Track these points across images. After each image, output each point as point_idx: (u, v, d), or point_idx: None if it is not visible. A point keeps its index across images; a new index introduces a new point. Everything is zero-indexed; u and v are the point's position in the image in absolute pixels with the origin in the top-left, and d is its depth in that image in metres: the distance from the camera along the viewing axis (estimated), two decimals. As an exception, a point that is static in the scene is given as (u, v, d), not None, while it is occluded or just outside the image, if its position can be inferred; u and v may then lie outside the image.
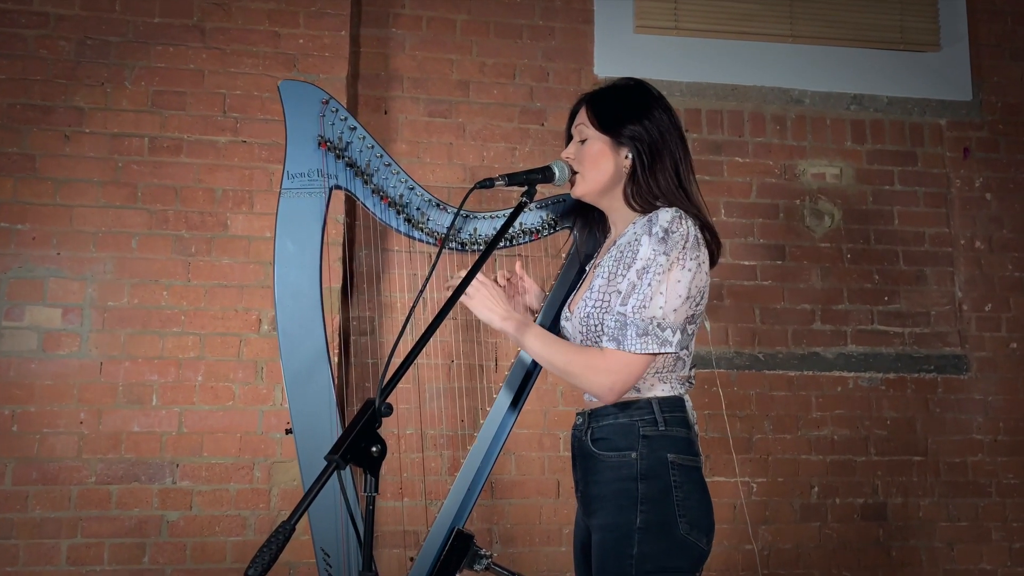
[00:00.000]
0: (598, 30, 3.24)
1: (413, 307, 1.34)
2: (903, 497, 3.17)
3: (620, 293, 1.50)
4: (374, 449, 1.23)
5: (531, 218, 1.80)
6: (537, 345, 1.55)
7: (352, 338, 2.92)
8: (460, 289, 1.47)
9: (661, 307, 1.46)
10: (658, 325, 1.45)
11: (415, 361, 1.38)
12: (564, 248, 1.87)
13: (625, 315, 1.47)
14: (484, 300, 1.58)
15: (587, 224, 1.79)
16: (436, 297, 2.81)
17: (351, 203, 2.88)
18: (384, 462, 1.26)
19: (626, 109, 1.62)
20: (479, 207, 2.83)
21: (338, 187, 1.72)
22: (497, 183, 1.59)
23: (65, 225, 2.74)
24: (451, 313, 2.96)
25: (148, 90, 2.84)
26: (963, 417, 3.25)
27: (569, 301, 1.70)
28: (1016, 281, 3.35)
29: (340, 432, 1.65)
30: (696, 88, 3.26)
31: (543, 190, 1.69)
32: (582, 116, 1.66)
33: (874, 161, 3.36)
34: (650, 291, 1.46)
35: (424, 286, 1.38)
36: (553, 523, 2.94)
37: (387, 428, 2.87)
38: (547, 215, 1.81)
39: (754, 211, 3.26)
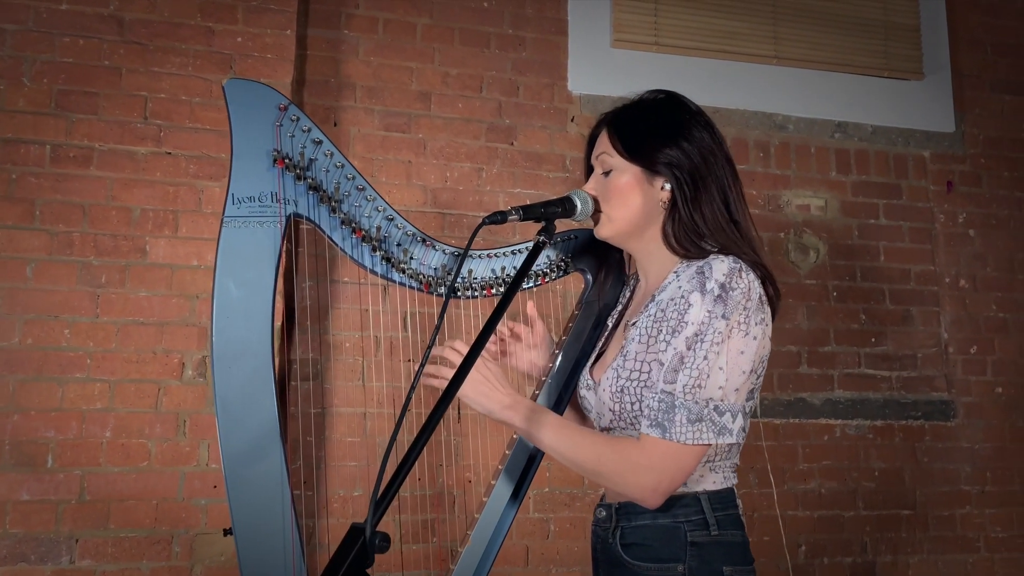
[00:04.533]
0: (572, 43, 2.95)
1: (408, 399, 0.98)
2: (892, 555, 2.95)
3: (663, 365, 1.18)
4: (365, 599, 0.86)
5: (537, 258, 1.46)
6: (555, 439, 1.22)
7: (292, 383, 2.52)
8: (466, 367, 1.09)
9: (721, 387, 1.15)
10: (715, 408, 1.15)
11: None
12: (569, 294, 1.54)
13: (674, 395, 1.16)
14: (476, 383, 1.21)
15: (607, 266, 1.47)
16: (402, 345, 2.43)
17: (293, 225, 2.48)
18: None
19: (658, 129, 1.31)
20: (443, 238, 2.50)
21: (298, 216, 1.36)
22: (510, 217, 1.26)
23: (-58, 248, 2.27)
24: (407, 354, 2.63)
25: (52, 89, 2.39)
26: (950, 467, 3.07)
27: (591, 365, 1.37)
28: (1000, 322, 3.21)
29: (295, 536, 1.28)
30: (677, 109, 2.99)
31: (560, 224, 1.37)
32: (603, 142, 1.34)
33: (859, 193, 3.17)
34: (706, 366, 1.15)
35: (424, 360, 1.03)
36: (522, 595, 2.59)
37: (333, 490, 2.47)
38: (556, 255, 1.48)
39: (737, 244, 3.01)
